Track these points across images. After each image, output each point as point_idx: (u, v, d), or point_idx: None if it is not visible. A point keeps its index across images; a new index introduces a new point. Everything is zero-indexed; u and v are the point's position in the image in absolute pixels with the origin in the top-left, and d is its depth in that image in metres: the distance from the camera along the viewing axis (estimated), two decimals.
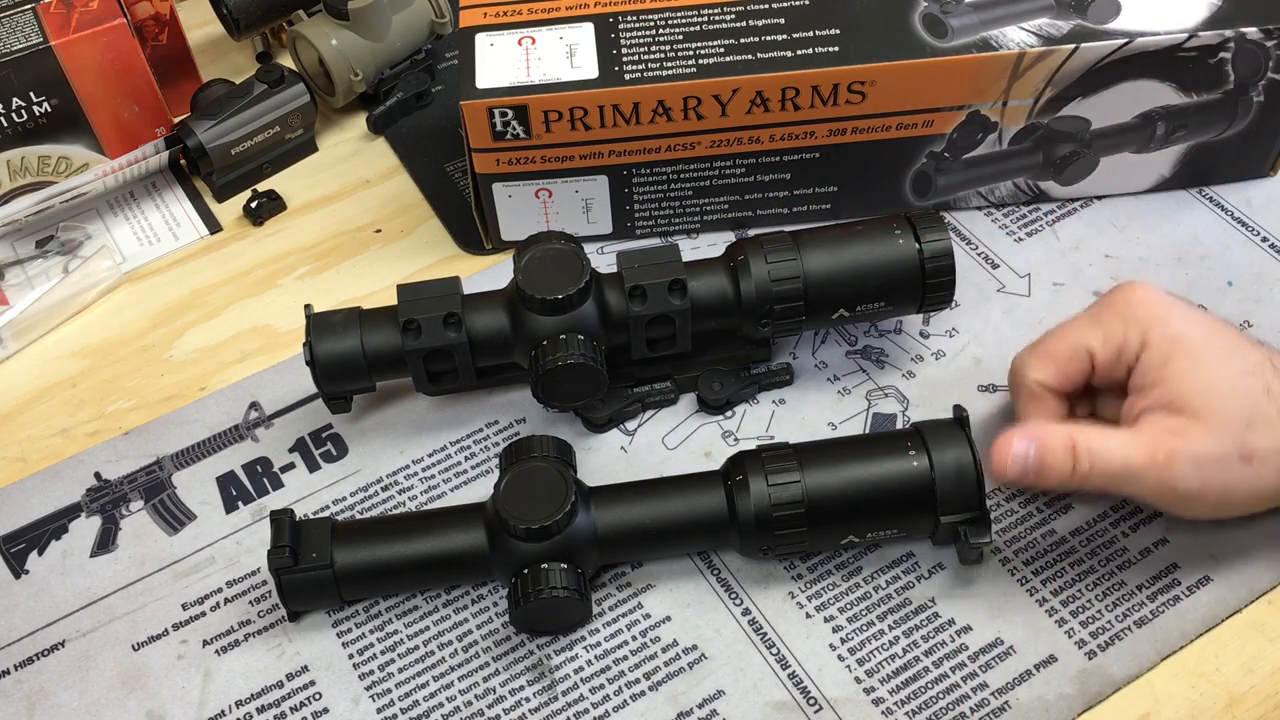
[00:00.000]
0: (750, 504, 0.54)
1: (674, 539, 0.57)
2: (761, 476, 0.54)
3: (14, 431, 0.67)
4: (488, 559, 0.55)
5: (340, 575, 0.55)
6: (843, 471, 0.54)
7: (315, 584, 0.55)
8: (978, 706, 0.53)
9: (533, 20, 0.68)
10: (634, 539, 0.56)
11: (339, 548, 0.55)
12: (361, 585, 0.56)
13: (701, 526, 0.56)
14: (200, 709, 0.55)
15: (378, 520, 0.59)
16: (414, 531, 0.56)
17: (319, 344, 0.60)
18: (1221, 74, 0.66)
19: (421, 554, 0.56)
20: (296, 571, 0.55)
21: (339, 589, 0.56)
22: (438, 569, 0.56)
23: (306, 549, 0.55)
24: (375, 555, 0.55)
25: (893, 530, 0.55)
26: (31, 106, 0.73)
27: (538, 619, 0.55)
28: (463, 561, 0.56)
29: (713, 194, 0.70)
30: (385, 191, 0.78)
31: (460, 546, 0.55)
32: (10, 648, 0.58)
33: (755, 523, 0.54)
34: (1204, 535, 0.57)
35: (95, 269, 0.73)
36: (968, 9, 0.65)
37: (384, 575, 0.56)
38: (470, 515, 0.56)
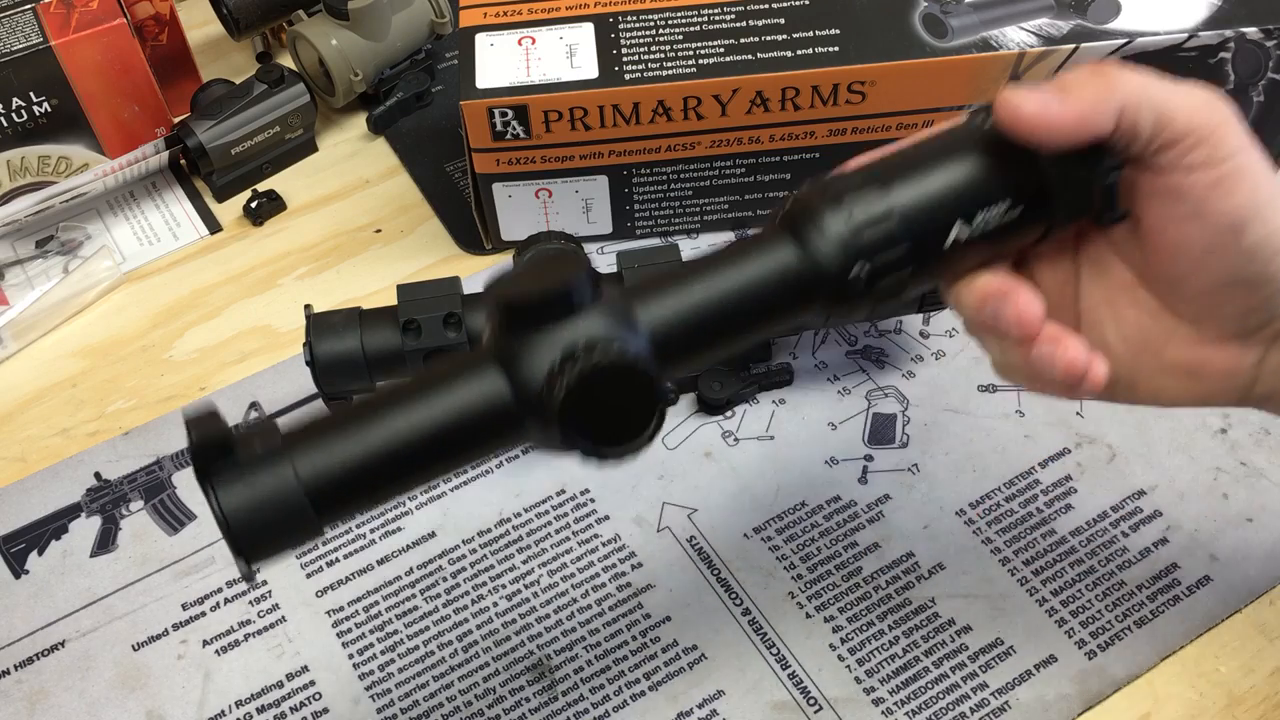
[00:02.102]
0: (831, 239, 0.40)
1: (745, 318, 0.41)
2: (842, 213, 0.40)
3: (14, 431, 0.67)
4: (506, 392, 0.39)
5: (306, 472, 0.37)
6: (926, 163, 0.42)
7: (269, 491, 0.37)
8: (978, 706, 0.53)
9: (533, 20, 0.68)
10: (694, 329, 0.41)
11: (294, 440, 0.38)
12: (342, 485, 0.38)
13: (775, 290, 0.41)
14: (200, 709, 0.55)
15: (340, 409, 0.40)
16: (398, 394, 0.39)
17: (319, 344, 0.60)
18: (1221, 74, 0.66)
19: (421, 417, 0.39)
20: (238, 472, 0.37)
21: (309, 496, 0.37)
22: (448, 430, 0.39)
23: (246, 449, 0.37)
24: (352, 435, 0.38)
25: (1004, 204, 0.41)
26: (31, 106, 0.73)
27: (595, 414, 0.39)
28: (478, 409, 0.39)
29: (713, 194, 0.70)
30: (385, 191, 0.78)
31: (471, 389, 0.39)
32: (10, 648, 0.58)
33: (843, 257, 0.40)
34: (1204, 535, 0.57)
35: (95, 269, 0.73)
36: (968, 9, 0.65)
37: (372, 460, 0.38)
38: (466, 356, 0.41)
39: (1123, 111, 0.40)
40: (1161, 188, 0.41)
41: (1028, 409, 0.63)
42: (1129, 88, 0.40)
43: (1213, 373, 0.43)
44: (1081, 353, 0.42)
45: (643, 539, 0.60)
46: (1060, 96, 0.40)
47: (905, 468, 0.61)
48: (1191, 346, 0.44)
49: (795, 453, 0.62)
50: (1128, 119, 0.40)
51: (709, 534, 0.59)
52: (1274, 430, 0.61)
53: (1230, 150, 0.40)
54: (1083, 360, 0.42)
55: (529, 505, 0.61)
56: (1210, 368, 0.43)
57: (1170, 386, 0.44)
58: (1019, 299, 0.42)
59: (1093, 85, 0.40)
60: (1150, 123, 0.40)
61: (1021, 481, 0.60)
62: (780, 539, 0.59)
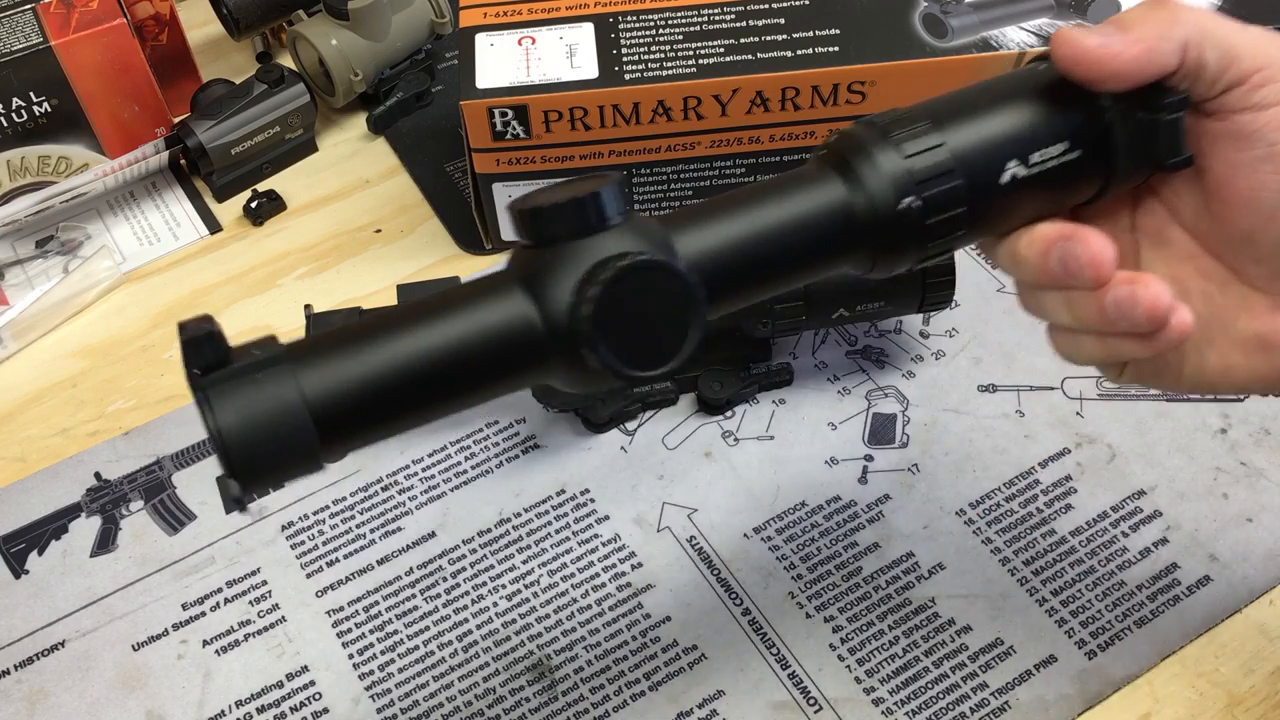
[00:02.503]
0: (882, 172, 0.38)
1: (788, 256, 0.38)
2: (891, 146, 0.38)
3: (14, 431, 0.67)
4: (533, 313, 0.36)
5: (312, 390, 0.34)
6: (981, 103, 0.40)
7: (271, 406, 0.33)
8: (978, 706, 0.53)
9: (533, 20, 0.68)
10: (736, 264, 0.38)
11: (299, 354, 0.35)
12: (350, 407, 0.34)
13: (822, 227, 0.38)
14: (200, 709, 0.55)
15: (348, 326, 0.36)
16: (414, 313, 0.36)
17: None
18: None
19: (438, 337, 0.35)
20: (236, 383, 0.33)
21: (314, 416, 0.33)
22: (466, 353, 0.35)
23: (244, 356, 0.35)
24: (363, 353, 0.35)
25: (1062, 145, 0.39)
26: (31, 106, 0.73)
27: (629, 328, 0.35)
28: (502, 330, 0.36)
29: (713, 194, 0.70)
30: (385, 191, 0.78)
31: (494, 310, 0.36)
32: (10, 648, 0.58)
33: (894, 192, 0.38)
34: (1204, 535, 0.57)
35: (95, 269, 0.73)
36: (968, 9, 0.65)
37: (384, 381, 0.35)
38: (489, 277, 0.37)
39: (1186, 47, 0.37)
40: (1230, 131, 0.39)
41: (1028, 409, 0.63)
42: (1192, 21, 0.37)
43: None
44: (1165, 290, 0.38)
45: (643, 539, 0.60)
46: (1121, 34, 0.37)
47: (905, 468, 0.61)
48: (1265, 316, 0.40)
49: (795, 453, 0.62)
50: (1192, 55, 0.38)
51: (709, 534, 0.59)
52: (1274, 430, 0.61)
53: None
54: (1166, 299, 0.38)
55: (529, 505, 0.61)
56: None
57: (1241, 364, 0.41)
58: (1089, 238, 0.38)
59: (1154, 20, 0.37)
60: (1216, 59, 0.38)
61: (1021, 481, 0.60)
62: (780, 539, 0.59)
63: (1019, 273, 0.41)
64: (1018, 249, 0.40)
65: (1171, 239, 0.42)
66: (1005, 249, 0.41)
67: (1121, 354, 0.40)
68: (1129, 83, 0.38)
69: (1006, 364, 0.59)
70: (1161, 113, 0.38)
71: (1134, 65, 0.37)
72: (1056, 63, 0.38)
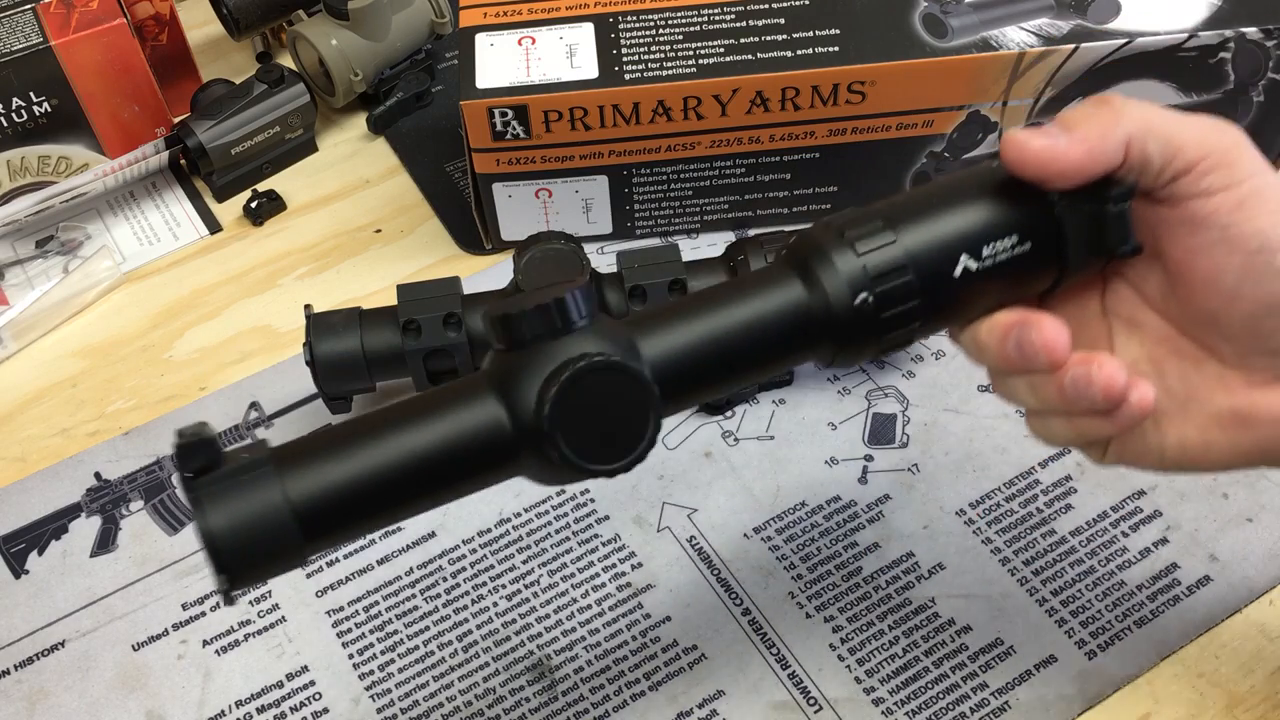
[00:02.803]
0: (836, 272, 0.40)
1: (750, 354, 0.41)
2: (845, 246, 0.40)
3: (14, 431, 0.67)
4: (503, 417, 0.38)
5: (295, 493, 0.36)
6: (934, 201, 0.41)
7: (256, 509, 0.36)
8: (978, 706, 0.53)
9: (533, 20, 0.68)
10: (698, 363, 0.40)
11: (284, 458, 0.37)
12: (331, 508, 0.37)
13: (781, 327, 0.40)
14: (200, 709, 0.55)
15: (330, 429, 0.38)
16: (393, 416, 0.38)
17: (319, 344, 0.60)
18: (1221, 74, 0.66)
19: (415, 441, 0.38)
20: (225, 486, 0.36)
21: (297, 517, 0.36)
22: (442, 455, 0.38)
23: (234, 461, 0.37)
24: (343, 457, 0.37)
25: (1012, 238, 0.40)
26: (31, 106, 0.73)
27: (588, 426, 0.38)
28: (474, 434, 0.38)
29: (713, 194, 0.70)
30: (385, 191, 0.78)
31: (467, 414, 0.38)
32: (10, 648, 0.58)
33: (849, 290, 0.40)
34: (1204, 535, 0.57)
35: (95, 269, 0.73)
36: (968, 9, 0.65)
37: (363, 484, 0.37)
38: (463, 380, 0.40)
39: (1130, 142, 0.39)
40: (1183, 218, 0.40)
41: None
42: (1134, 117, 0.39)
43: (1267, 417, 0.41)
44: (1119, 369, 0.39)
45: (643, 539, 0.60)
46: (1066, 134, 0.39)
47: (905, 468, 0.61)
48: (1241, 391, 0.41)
49: (795, 453, 0.62)
50: (1136, 149, 0.39)
51: (709, 534, 0.59)
52: None
53: (1247, 171, 0.39)
54: (1121, 377, 0.39)
55: (529, 505, 0.61)
56: (1262, 412, 0.41)
57: (1221, 440, 0.42)
58: (1043, 324, 0.40)
59: (1098, 119, 0.39)
60: (1159, 151, 0.39)
61: (1021, 481, 0.60)
62: (780, 539, 0.59)
63: (982, 359, 0.43)
64: (979, 336, 0.42)
65: (1143, 321, 0.43)
66: (968, 336, 0.43)
67: (1090, 433, 0.42)
68: (1075, 180, 0.39)
69: None
70: (1108, 204, 0.40)
71: (1079, 164, 0.39)
72: (1005, 164, 0.40)
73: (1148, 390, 0.40)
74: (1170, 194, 0.40)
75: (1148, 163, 0.39)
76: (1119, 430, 0.41)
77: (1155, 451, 0.43)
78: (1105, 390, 0.39)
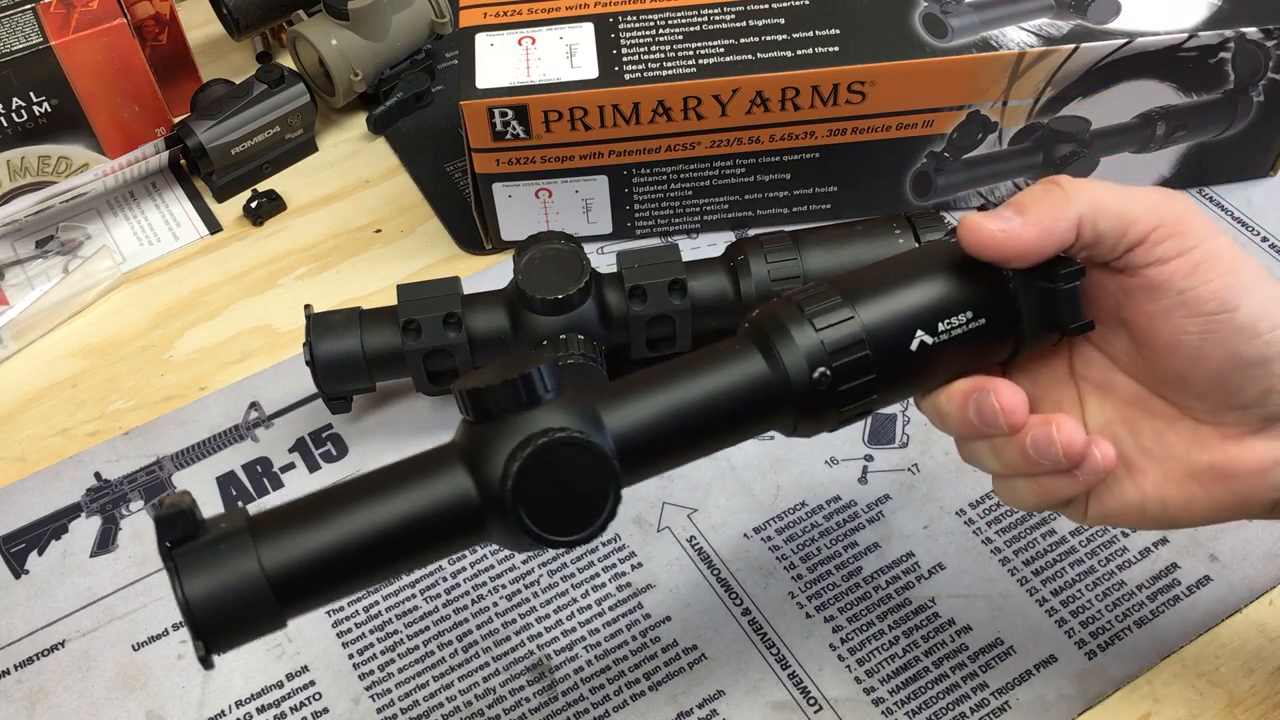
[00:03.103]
0: (794, 346, 0.41)
1: (711, 426, 0.42)
2: (804, 321, 0.41)
3: (14, 431, 0.67)
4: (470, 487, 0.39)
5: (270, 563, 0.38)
6: (891, 278, 0.43)
7: (233, 578, 0.37)
8: (978, 706, 0.53)
9: (533, 20, 0.68)
10: (660, 435, 0.41)
11: (260, 528, 0.39)
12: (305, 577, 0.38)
13: (741, 399, 0.42)
14: (200, 709, 0.55)
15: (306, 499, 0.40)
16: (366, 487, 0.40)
17: (319, 344, 0.60)
18: (1221, 74, 0.66)
19: (386, 512, 0.39)
20: (203, 555, 0.37)
21: (272, 586, 0.37)
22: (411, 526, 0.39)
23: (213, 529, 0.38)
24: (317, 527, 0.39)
25: (967, 314, 0.42)
26: (31, 106, 0.73)
27: (550, 499, 0.39)
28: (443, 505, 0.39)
29: (713, 194, 0.70)
30: (385, 191, 0.78)
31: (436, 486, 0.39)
32: (10, 648, 0.58)
33: (806, 363, 0.41)
34: (1204, 535, 0.57)
35: (95, 269, 0.73)
36: (968, 9, 0.65)
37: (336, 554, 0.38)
38: (434, 452, 0.41)
39: (1081, 221, 0.41)
40: (1140, 285, 0.41)
41: None
42: (1084, 199, 0.41)
43: (1243, 470, 0.42)
44: (1078, 428, 0.41)
45: (643, 539, 0.60)
46: (1020, 217, 0.41)
47: (905, 468, 0.61)
48: (1216, 447, 0.42)
49: (795, 453, 0.62)
50: (1088, 227, 0.41)
51: (709, 534, 0.59)
52: None
53: (1199, 237, 0.41)
54: (1081, 435, 0.41)
55: None
56: (1240, 466, 0.42)
57: (1201, 496, 0.43)
58: (999, 389, 0.42)
59: (1049, 202, 0.41)
60: (1111, 228, 0.41)
61: None
62: (780, 539, 0.59)
63: (944, 426, 0.44)
64: (939, 404, 0.43)
65: (1114, 383, 0.45)
66: (930, 404, 0.44)
67: (1055, 494, 0.43)
68: (1030, 260, 0.41)
69: None
70: (1059, 282, 0.42)
71: (1033, 245, 0.41)
72: (963, 246, 0.42)
73: (1108, 448, 0.42)
74: (1126, 264, 0.41)
75: (1100, 239, 0.41)
76: (1084, 488, 0.43)
77: (1136, 509, 0.44)
78: (1066, 448, 0.41)
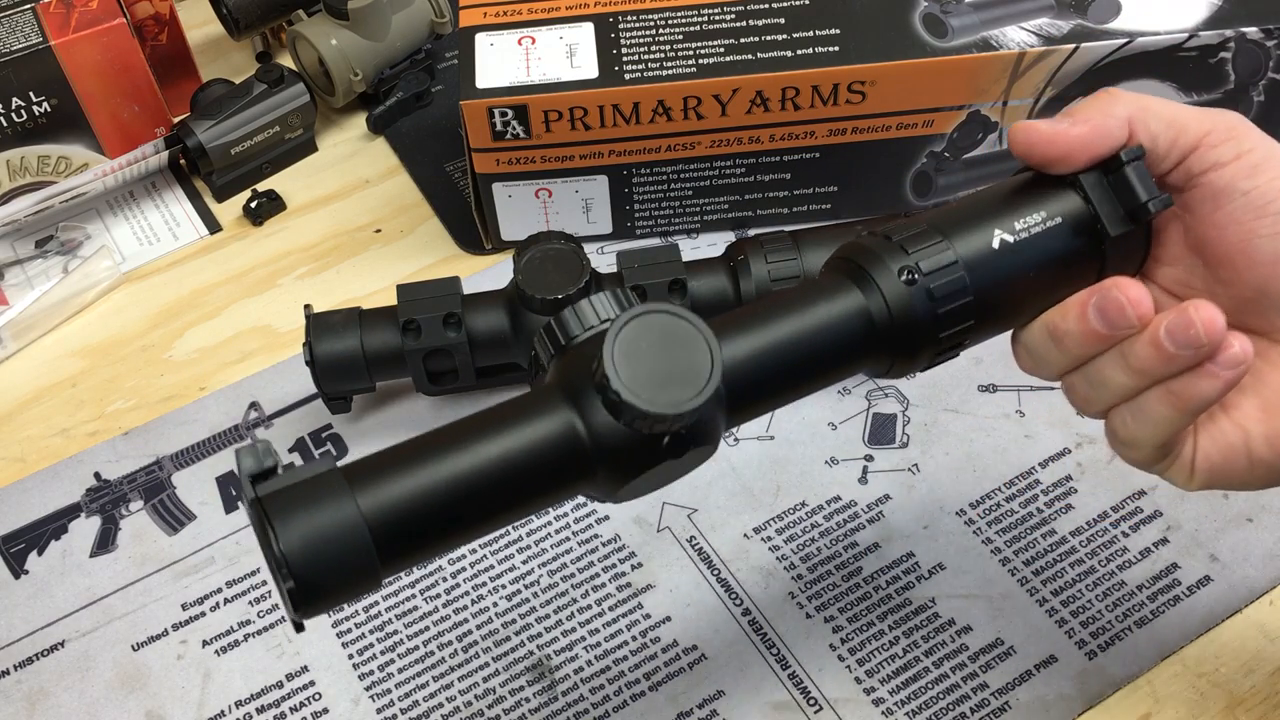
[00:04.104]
0: (903, 291, 0.40)
1: (813, 365, 0.41)
2: (896, 248, 0.40)
3: (14, 431, 0.67)
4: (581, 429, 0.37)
5: (370, 509, 0.34)
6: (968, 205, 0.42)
7: (331, 528, 0.33)
8: (978, 706, 0.53)
9: (533, 20, 0.68)
10: (762, 378, 0.40)
11: (355, 474, 0.35)
12: (409, 525, 0.35)
13: (843, 337, 0.40)
14: (200, 709, 0.55)
15: (400, 445, 0.37)
16: (463, 429, 0.37)
17: (319, 344, 0.60)
18: (1222, 74, 0.66)
19: (492, 452, 0.36)
20: (295, 504, 0.33)
21: (373, 535, 0.33)
22: (520, 466, 0.36)
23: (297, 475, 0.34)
24: (417, 470, 0.35)
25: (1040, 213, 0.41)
26: (31, 106, 0.73)
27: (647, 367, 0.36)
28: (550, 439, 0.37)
29: (713, 194, 0.70)
30: (385, 191, 0.78)
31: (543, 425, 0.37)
32: (10, 648, 0.58)
33: (907, 295, 0.40)
34: (1204, 535, 0.57)
35: (95, 269, 0.73)
36: (968, 9, 0.65)
37: (441, 498, 0.35)
38: (532, 394, 0.38)
39: (1131, 120, 0.40)
40: (1203, 196, 0.40)
41: (1028, 409, 0.63)
42: (1132, 100, 0.41)
43: None
44: (1215, 308, 0.38)
45: (642, 539, 0.60)
46: (1069, 118, 0.41)
47: (905, 468, 0.61)
48: None
49: (795, 453, 0.62)
50: (1139, 127, 0.40)
51: (709, 534, 0.59)
52: None
53: (1254, 140, 0.40)
54: (1220, 315, 0.38)
55: None
56: None
57: None
58: (1120, 282, 0.39)
59: (1097, 103, 0.41)
60: (1163, 130, 0.40)
61: (1021, 481, 0.60)
62: (780, 539, 0.59)
63: (1062, 347, 0.41)
64: (1054, 324, 0.41)
65: None
66: (1038, 334, 0.42)
67: (1194, 399, 0.39)
68: (1084, 158, 0.41)
69: (1007, 364, 0.59)
70: (1124, 167, 0.41)
71: (1084, 140, 0.40)
72: (1014, 150, 0.41)
73: (1244, 337, 0.38)
74: (1185, 174, 0.41)
75: (1154, 141, 0.41)
76: (1224, 387, 0.39)
77: (1242, 453, 0.41)
78: (1208, 326, 0.38)
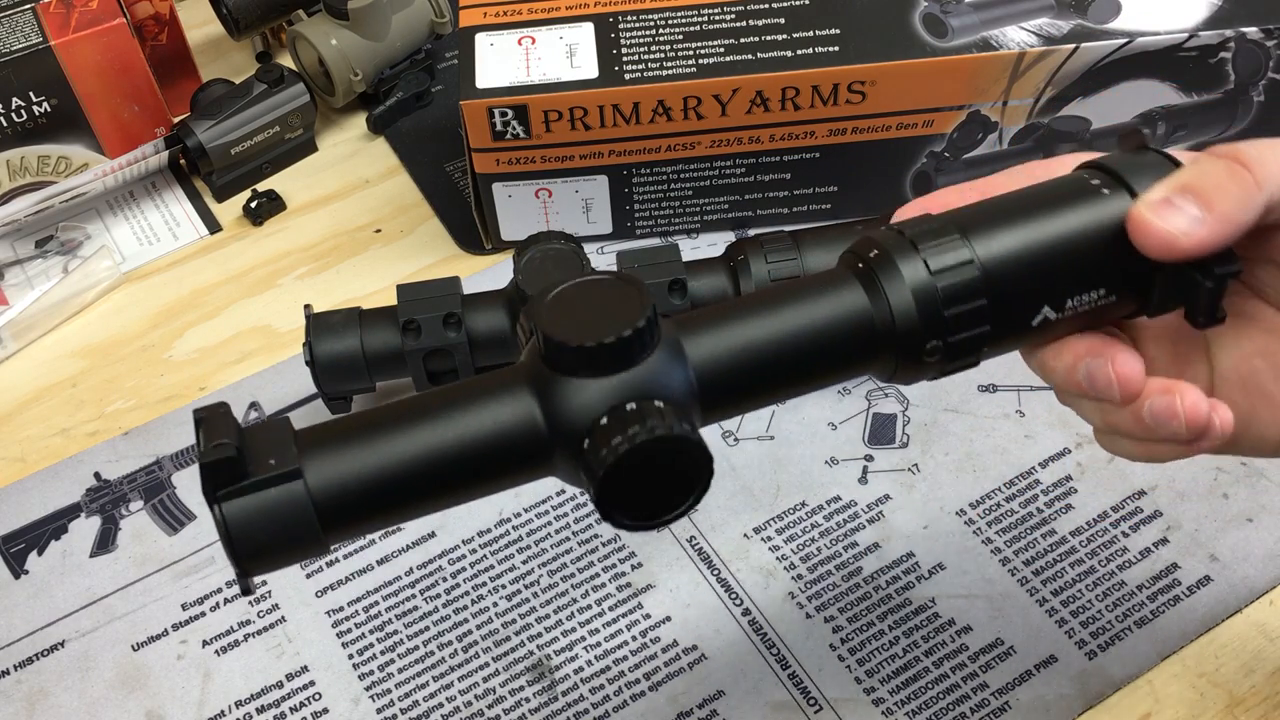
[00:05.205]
0: (907, 292, 0.36)
1: (802, 365, 0.38)
2: (914, 255, 0.37)
3: (14, 431, 0.67)
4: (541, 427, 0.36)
5: (316, 483, 0.35)
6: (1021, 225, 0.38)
7: (274, 500, 0.34)
8: (978, 706, 0.53)
9: (533, 20, 0.68)
10: (744, 373, 0.37)
11: (306, 444, 0.35)
12: (352, 501, 0.35)
13: (839, 337, 0.37)
14: (200, 709, 0.55)
15: (356, 416, 0.37)
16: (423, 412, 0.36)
17: (319, 344, 0.60)
18: (1222, 74, 0.66)
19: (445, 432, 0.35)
20: (248, 490, 0.34)
21: (316, 509, 0.35)
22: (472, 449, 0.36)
23: (257, 456, 0.35)
24: (371, 455, 0.35)
25: (1099, 291, 0.38)
26: (31, 106, 0.73)
27: (633, 491, 0.35)
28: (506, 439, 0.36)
29: (713, 194, 0.70)
30: (385, 191, 0.78)
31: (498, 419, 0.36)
32: (10, 648, 0.58)
33: (919, 316, 0.37)
34: (1204, 535, 0.57)
35: (95, 269, 0.73)
36: (968, 9, 0.65)
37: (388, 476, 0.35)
38: (498, 377, 0.37)
39: (1268, 208, 0.37)
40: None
41: (1028, 409, 0.63)
42: (1273, 180, 0.36)
43: None
44: (1201, 398, 0.38)
45: (642, 539, 0.60)
46: (1202, 210, 0.36)
47: (905, 468, 0.61)
48: None
49: (795, 453, 0.62)
50: (1275, 211, 0.37)
51: (709, 534, 0.59)
52: None
53: None
54: (1204, 406, 0.37)
55: (529, 505, 0.61)
56: None
57: None
58: (1117, 356, 0.38)
59: (1236, 189, 0.36)
60: None
61: (1021, 481, 0.60)
62: (780, 539, 0.59)
63: (1048, 380, 0.41)
64: (1045, 360, 0.40)
65: (1255, 314, 0.41)
66: (1034, 356, 0.41)
67: (1163, 457, 0.40)
68: (1201, 256, 0.37)
69: (1007, 364, 0.59)
70: (1208, 280, 0.37)
71: (1212, 245, 0.36)
72: (1134, 240, 0.37)
73: (1226, 413, 0.38)
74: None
75: (1273, 210, 0.37)
76: (1193, 454, 0.39)
77: (1272, 445, 0.41)
78: (1190, 421, 0.38)
